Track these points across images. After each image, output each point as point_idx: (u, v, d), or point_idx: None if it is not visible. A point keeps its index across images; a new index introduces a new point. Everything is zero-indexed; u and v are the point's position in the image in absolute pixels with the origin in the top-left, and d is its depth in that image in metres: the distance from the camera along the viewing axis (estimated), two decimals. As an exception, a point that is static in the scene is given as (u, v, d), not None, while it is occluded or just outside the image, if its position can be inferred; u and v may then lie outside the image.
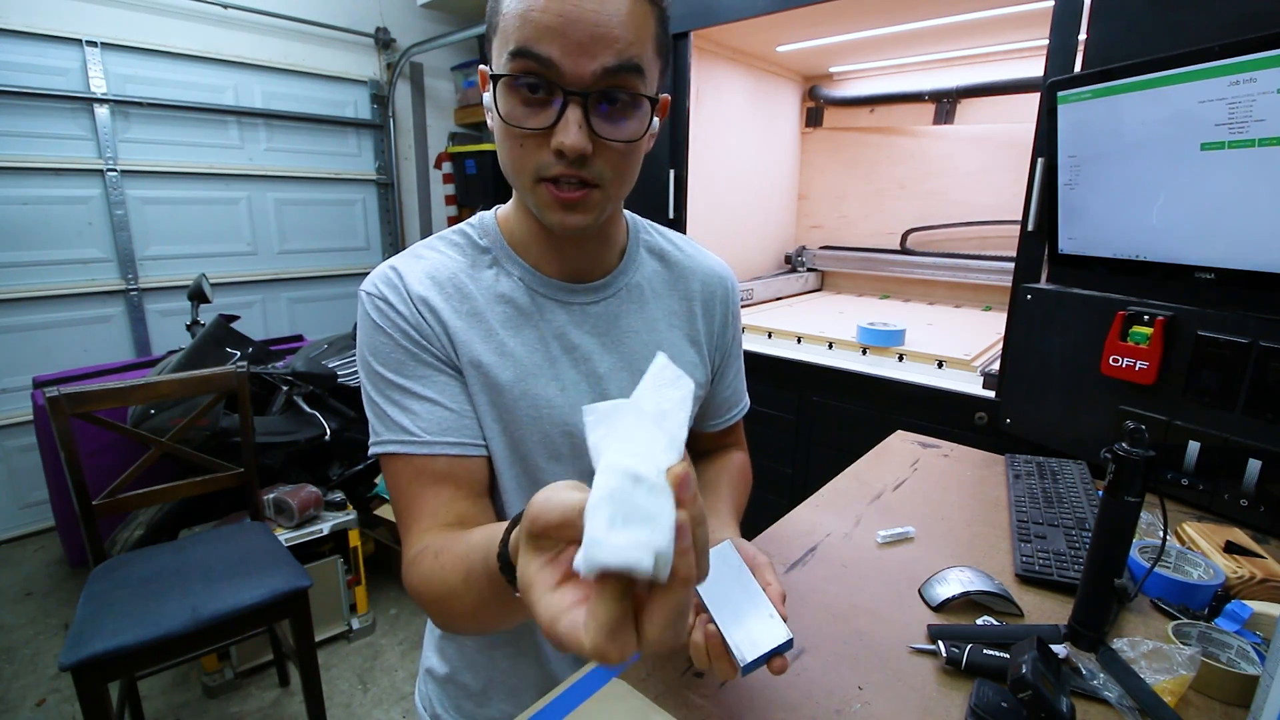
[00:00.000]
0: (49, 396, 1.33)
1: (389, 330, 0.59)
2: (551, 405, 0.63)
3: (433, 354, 0.60)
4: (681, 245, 0.75)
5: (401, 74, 3.36)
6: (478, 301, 0.62)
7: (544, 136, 0.53)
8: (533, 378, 0.62)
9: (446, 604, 0.52)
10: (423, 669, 0.79)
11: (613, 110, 0.53)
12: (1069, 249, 1.16)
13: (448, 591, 0.51)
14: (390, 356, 0.59)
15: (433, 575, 0.52)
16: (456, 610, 0.52)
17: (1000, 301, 2.23)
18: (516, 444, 0.63)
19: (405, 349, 0.59)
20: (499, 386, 0.61)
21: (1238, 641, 0.64)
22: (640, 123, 0.55)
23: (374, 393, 0.59)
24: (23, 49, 2.36)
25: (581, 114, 0.51)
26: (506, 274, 0.64)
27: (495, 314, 0.62)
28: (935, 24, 1.83)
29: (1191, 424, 0.96)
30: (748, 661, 0.49)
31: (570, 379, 0.64)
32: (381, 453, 0.58)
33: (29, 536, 2.62)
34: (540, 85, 0.51)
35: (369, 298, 0.60)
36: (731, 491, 0.76)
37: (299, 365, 2.18)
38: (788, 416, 1.80)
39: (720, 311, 0.75)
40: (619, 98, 0.52)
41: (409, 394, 0.58)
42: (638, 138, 0.55)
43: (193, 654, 1.33)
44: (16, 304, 2.47)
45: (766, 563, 0.58)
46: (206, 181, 2.87)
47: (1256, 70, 0.83)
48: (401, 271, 0.61)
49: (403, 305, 0.59)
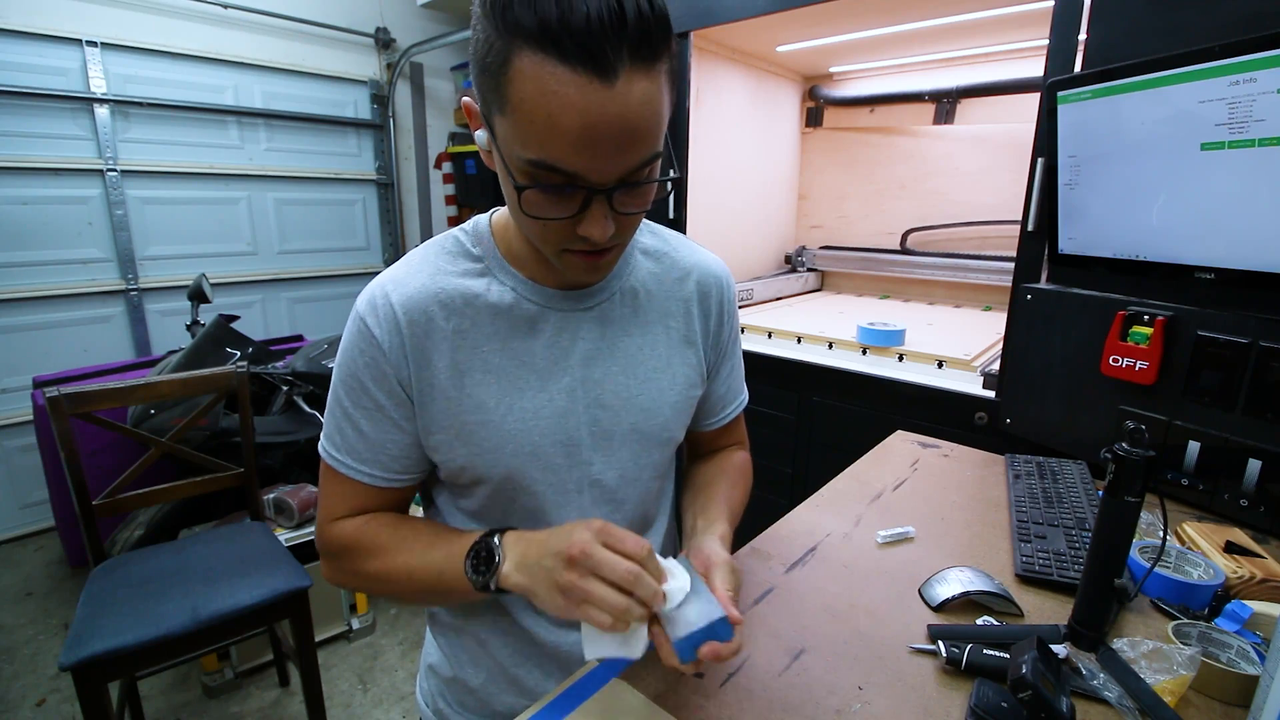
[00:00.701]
0: (49, 396, 1.33)
1: (355, 356, 0.61)
2: (540, 415, 0.63)
3: (387, 389, 0.61)
4: (675, 244, 0.75)
5: (401, 74, 3.36)
6: (467, 316, 0.62)
7: (568, 222, 0.52)
8: (521, 390, 0.63)
9: (367, 556, 0.63)
10: (423, 665, 0.80)
11: (635, 189, 0.52)
12: (1069, 249, 1.16)
13: (373, 545, 0.63)
14: (349, 379, 0.62)
15: (363, 531, 0.64)
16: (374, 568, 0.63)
17: (1000, 301, 2.23)
18: (504, 457, 0.63)
19: (362, 380, 0.61)
20: (483, 401, 0.62)
21: (1238, 641, 0.64)
22: (657, 186, 0.55)
23: (331, 397, 0.65)
24: (23, 49, 2.36)
25: (607, 205, 0.51)
26: (499, 283, 0.64)
27: (486, 327, 0.62)
28: (935, 24, 1.83)
29: (1191, 424, 0.96)
30: (677, 639, 0.51)
31: (562, 387, 0.64)
32: (319, 449, 0.66)
33: (29, 536, 2.62)
34: (564, 184, 0.50)
35: (355, 316, 0.62)
36: (729, 490, 0.75)
37: (299, 365, 2.18)
38: (788, 416, 1.80)
39: (715, 309, 0.74)
40: (641, 182, 0.52)
41: (349, 419, 0.63)
42: (653, 200, 0.56)
43: (193, 654, 1.33)
44: (16, 304, 2.47)
45: (722, 560, 0.58)
46: (206, 181, 2.87)
47: (1256, 70, 0.83)
48: (390, 294, 0.61)
49: (379, 332, 0.60)
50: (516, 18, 0.45)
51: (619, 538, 0.52)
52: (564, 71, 0.44)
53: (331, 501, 0.66)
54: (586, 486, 0.67)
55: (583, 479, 0.66)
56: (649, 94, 0.47)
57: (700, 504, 0.73)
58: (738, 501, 0.76)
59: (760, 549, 0.87)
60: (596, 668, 0.64)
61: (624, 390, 0.66)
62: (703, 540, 0.63)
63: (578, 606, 0.51)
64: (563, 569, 0.51)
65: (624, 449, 0.67)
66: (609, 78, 0.45)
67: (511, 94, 0.47)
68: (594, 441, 0.66)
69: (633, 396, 0.67)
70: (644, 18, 0.45)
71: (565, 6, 0.43)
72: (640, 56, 0.46)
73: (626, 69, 0.45)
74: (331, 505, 0.65)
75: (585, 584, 0.50)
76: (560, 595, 0.52)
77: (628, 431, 0.67)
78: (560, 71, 0.44)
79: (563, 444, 0.64)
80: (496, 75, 0.47)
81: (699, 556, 0.59)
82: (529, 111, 0.46)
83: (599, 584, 0.50)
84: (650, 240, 0.73)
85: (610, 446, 0.67)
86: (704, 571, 0.57)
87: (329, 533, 0.65)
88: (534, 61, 0.45)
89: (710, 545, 0.61)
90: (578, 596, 0.50)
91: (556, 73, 0.44)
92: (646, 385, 0.68)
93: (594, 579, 0.50)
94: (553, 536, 0.55)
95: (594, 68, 0.44)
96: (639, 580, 0.50)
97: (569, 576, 0.51)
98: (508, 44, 0.46)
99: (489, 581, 0.56)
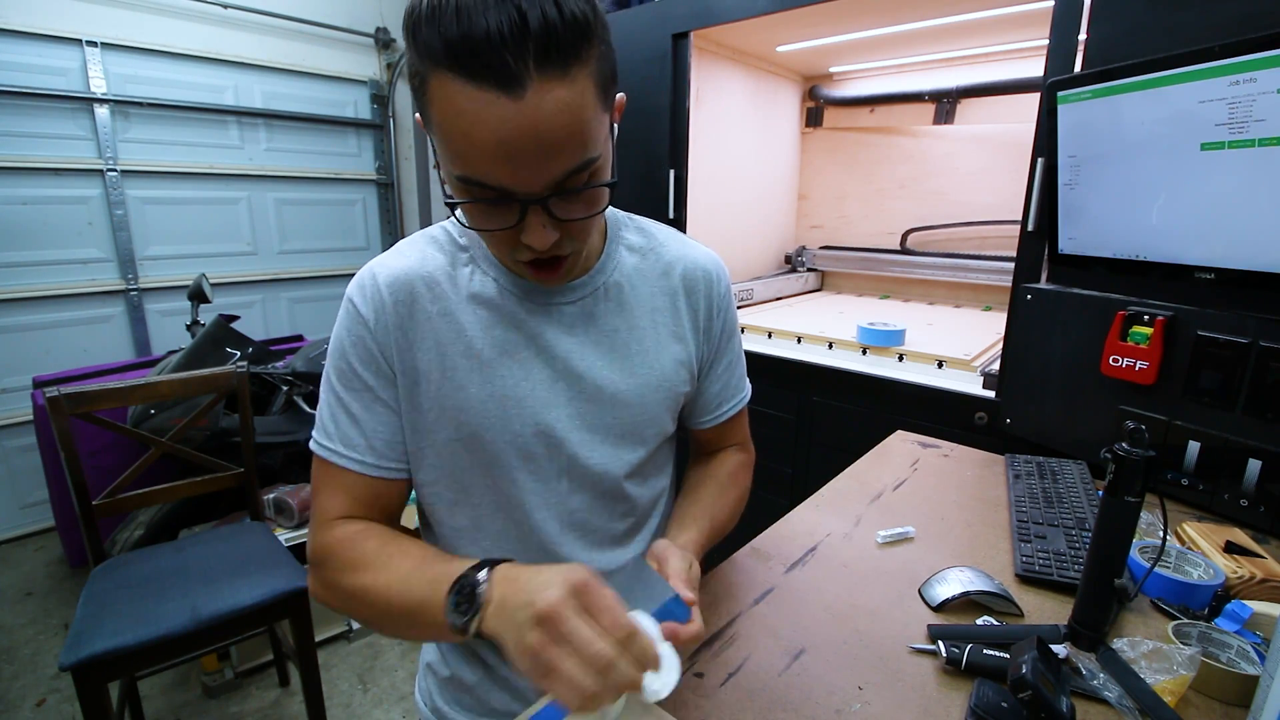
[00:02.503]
0: (49, 396, 1.33)
1: (344, 337, 0.62)
2: (522, 405, 0.63)
3: (375, 368, 0.62)
4: (661, 239, 0.74)
5: (401, 74, 3.36)
6: (451, 301, 0.62)
7: (510, 232, 0.52)
8: (502, 378, 0.63)
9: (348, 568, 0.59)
10: (422, 664, 0.79)
11: (574, 196, 0.52)
12: (1069, 249, 1.16)
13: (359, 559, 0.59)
14: (340, 363, 0.62)
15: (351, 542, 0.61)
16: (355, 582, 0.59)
17: (1000, 301, 2.23)
18: (484, 445, 0.63)
19: (350, 362, 0.62)
20: (464, 386, 0.62)
21: (1238, 641, 0.64)
22: (602, 192, 0.54)
23: (323, 387, 0.64)
24: (23, 49, 2.36)
25: (544, 213, 0.51)
26: (483, 273, 0.64)
27: (468, 314, 0.63)
28: (935, 24, 1.83)
29: (1191, 424, 0.96)
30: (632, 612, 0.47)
31: (543, 377, 0.64)
32: (310, 446, 0.65)
33: (29, 536, 2.62)
34: (496, 198, 0.50)
35: (346, 300, 0.63)
36: (714, 499, 0.75)
37: (299, 365, 2.18)
38: (788, 416, 1.80)
39: (705, 303, 0.73)
40: (578, 189, 0.51)
41: (341, 404, 0.63)
42: (602, 205, 0.55)
43: (193, 654, 1.32)
44: (16, 304, 2.47)
45: (673, 551, 0.58)
46: (206, 181, 2.87)
47: (1256, 70, 0.83)
48: (377, 274, 0.62)
49: (365, 308, 0.61)
50: (426, 40, 0.45)
51: (599, 607, 0.45)
52: (471, 89, 0.45)
53: (323, 501, 0.63)
54: (565, 476, 0.66)
55: (562, 469, 0.66)
56: (565, 102, 0.46)
57: (680, 511, 0.73)
58: (723, 509, 0.75)
59: (760, 549, 0.87)
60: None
61: (608, 384, 0.66)
62: (657, 543, 0.61)
63: (544, 677, 0.43)
64: (529, 627, 0.44)
65: (606, 442, 0.67)
66: (516, 91, 0.44)
67: (433, 114, 0.48)
68: (576, 434, 0.65)
69: (617, 390, 0.67)
70: (550, 25, 0.44)
71: (465, 24, 0.43)
72: (549, 65, 0.45)
73: (534, 80, 0.45)
74: (324, 505, 0.63)
75: (551, 655, 0.43)
76: (526, 658, 0.44)
77: (610, 424, 0.67)
78: (468, 89, 0.45)
79: (543, 435, 0.64)
80: (419, 96, 0.49)
81: (652, 555, 0.59)
82: (448, 131, 0.47)
83: (568, 658, 0.43)
84: (635, 237, 0.73)
85: (592, 440, 0.66)
86: (658, 567, 0.57)
87: (319, 538, 0.62)
88: (444, 81, 0.45)
89: (660, 544, 0.60)
90: (543, 666, 0.43)
91: (465, 91, 0.45)
92: (631, 379, 0.67)
93: (564, 649, 0.43)
94: (534, 579, 0.47)
95: (497, 83, 0.44)
96: (612, 668, 0.43)
97: (534, 637, 0.44)
98: (423, 66, 0.47)
99: (468, 625, 0.49)
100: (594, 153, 0.50)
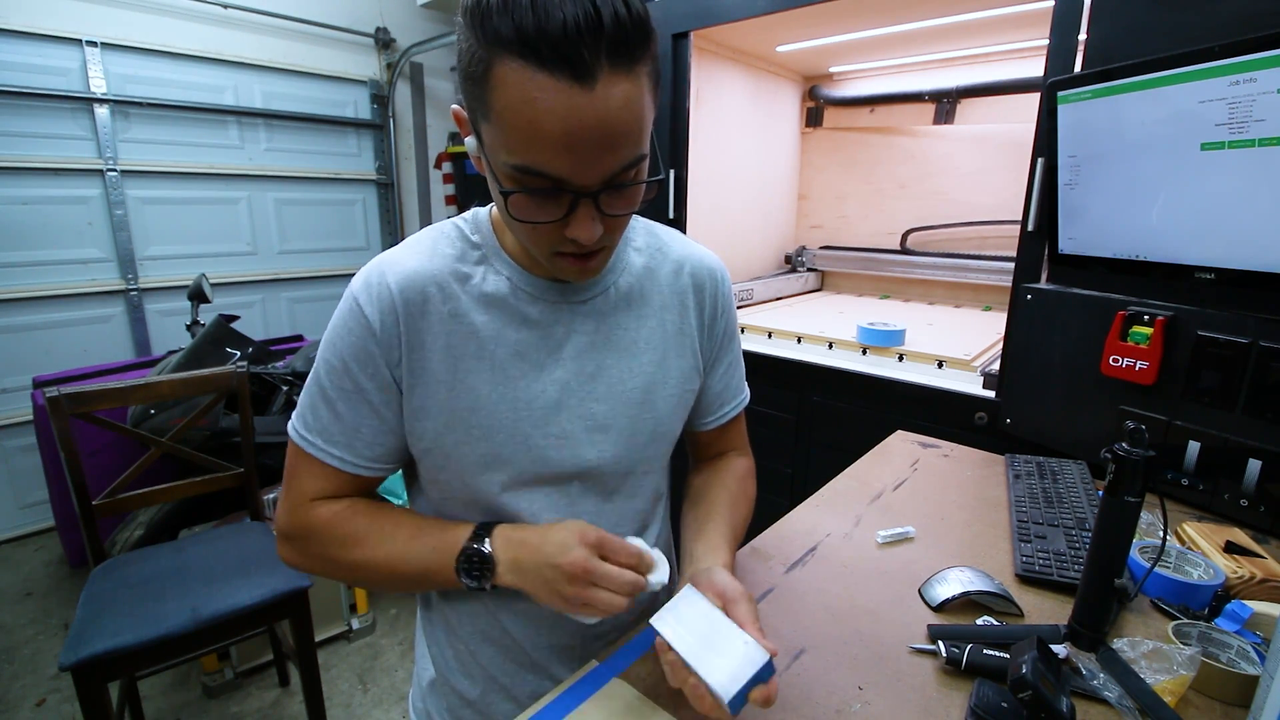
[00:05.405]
0: (49, 396, 1.33)
1: (342, 335, 0.61)
2: (532, 406, 0.63)
3: (371, 372, 0.61)
4: (667, 240, 0.74)
5: (401, 74, 3.36)
6: (463, 301, 0.62)
7: (556, 224, 0.53)
8: (514, 379, 0.62)
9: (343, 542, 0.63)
10: (415, 677, 0.78)
11: (621, 191, 0.53)
12: (1069, 249, 1.16)
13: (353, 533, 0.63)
14: (332, 359, 0.62)
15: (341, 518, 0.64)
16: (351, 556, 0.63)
17: (1000, 301, 2.23)
18: (495, 446, 0.62)
19: (345, 361, 0.61)
20: (475, 388, 0.61)
21: (1238, 641, 0.64)
22: (644, 188, 0.55)
23: (310, 378, 0.64)
24: (23, 49, 2.36)
25: (593, 207, 0.52)
26: (495, 272, 0.64)
27: (480, 314, 0.62)
28: (935, 24, 1.83)
29: (1191, 424, 0.96)
30: (730, 696, 0.48)
31: (555, 377, 0.64)
32: (288, 430, 0.66)
33: (29, 536, 2.62)
34: (550, 189, 0.50)
35: (349, 295, 0.61)
36: (730, 511, 0.74)
37: (299, 365, 2.18)
38: (788, 416, 1.80)
39: (710, 302, 0.74)
40: (626, 184, 0.52)
41: (325, 399, 0.62)
42: (640, 202, 0.56)
43: (193, 654, 1.32)
44: (16, 304, 2.47)
45: (741, 593, 0.57)
46: (206, 181, 2.87)
47: (1256, 70, 0.83)
48: (387, 273, 0.61)
49: (372, 311, 0.59)
50: (496, 27, 0.45)
51: (613, 548, 0.58)
52: (543, 78, 0.45)
53: (300, 483, 0.64)
54: (576, 478, 0.66)
55: (573, 471, 0.66)
56: (629, 96, 0.47)
57: (699, 524, 0.72)
58: (739, 522, 0.74)
59: (760, 549, 0.87)
60: (597, 667, 0.64)
61: (618, 384, 0.66)
62: (713, 572, 0.61)
63: (579, 607, 0.57)
64: (565, 583, 0.56)
65: (617, 442, 0.67)
66: (588, 82, 0.45)
67: (494, 101, 0.48)
68: (587, 435, 0.65)
69: (627, 390, 0.67)
70: (621, 21, 0.45)
71: (542, 14, 0.44)
72: (619, 60, 0.46)
73: (605, 73, 0.46)
74: (301, 488, 0.64)
75: (588, 593, 0.56)
76: (561, 601, 0.57)
77: (622, 425, 0.67)
78: (540, 78, 0.45)
79: (554, 435, 0.64)
80: (480, 83, 0.48)
81: (712, 588, 0.58)
82: (511, 118, 0.47)
83: (600, 591, 0.56)
84: (643, 238, 0.73)
85: (603, 440, 0.66)
86: (722, 605, 0.56)
87: (298, 515, 0.64)
88: (514, 69, 0.46)
89: (721, 577, 0.59)
90: (579, 601, 0.56)
91: (536, 79, 0.45)
92: (642, 379, 0.67)
93: (596, 588, 0.56)
94: (546, 543, 0.58)
95: (572, 73, 0.45)
96: (637, 586, 0.57)
97: (572, 590, 0.56)
98: (489, 53, 0.46)
99: (485, 585, 0.61)
100: (645, 149, 0.52)
